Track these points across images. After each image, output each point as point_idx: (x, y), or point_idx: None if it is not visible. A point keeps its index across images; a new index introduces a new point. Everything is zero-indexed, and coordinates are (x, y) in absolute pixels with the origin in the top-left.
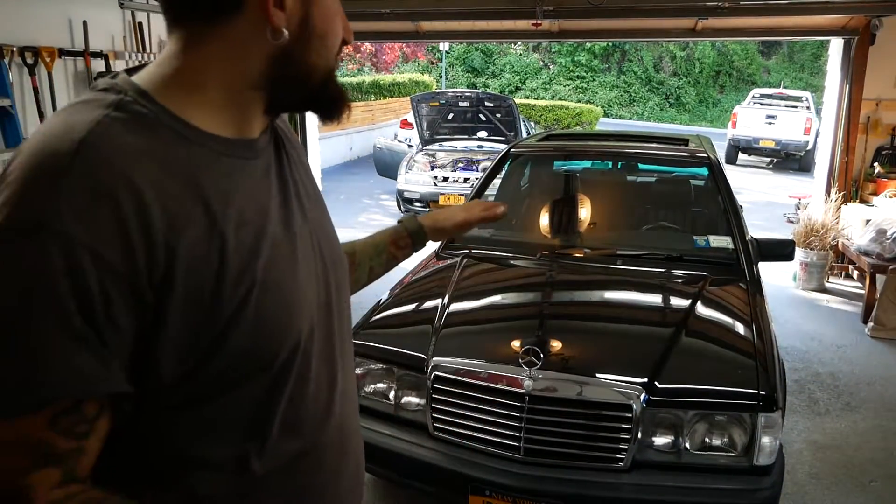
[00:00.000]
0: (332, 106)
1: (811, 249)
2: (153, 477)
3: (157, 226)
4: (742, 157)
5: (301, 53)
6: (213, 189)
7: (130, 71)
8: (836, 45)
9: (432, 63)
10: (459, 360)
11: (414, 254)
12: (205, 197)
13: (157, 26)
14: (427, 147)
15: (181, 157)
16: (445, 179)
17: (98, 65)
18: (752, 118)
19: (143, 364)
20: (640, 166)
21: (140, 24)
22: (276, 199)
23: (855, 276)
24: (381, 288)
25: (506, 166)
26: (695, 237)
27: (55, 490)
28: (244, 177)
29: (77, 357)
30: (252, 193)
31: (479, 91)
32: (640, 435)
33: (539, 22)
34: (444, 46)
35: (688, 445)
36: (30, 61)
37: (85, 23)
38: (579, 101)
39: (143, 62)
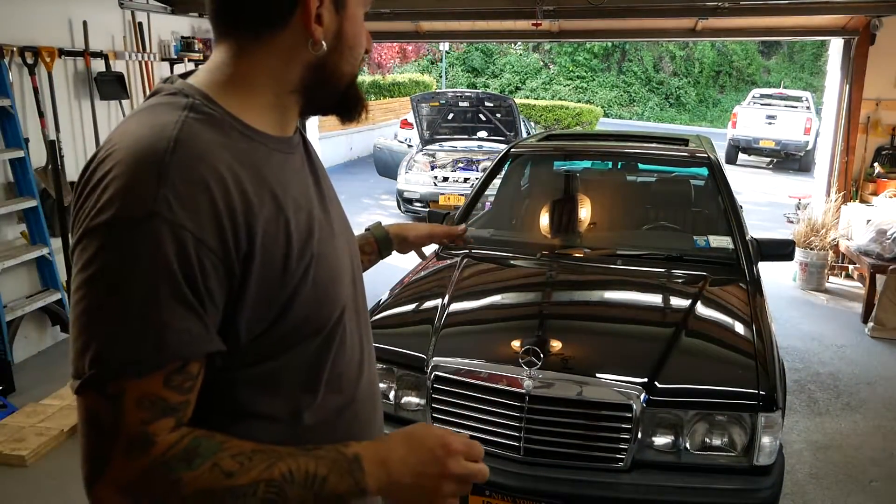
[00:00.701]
0: (354, 108)
1: (811, 249)
2: (215, 427)
3: (239, 210)
4: (742, 157)
5: (334, 62)
6: (274, 179)
7: (182, 77)
8: (836, 45)
9: (433, 63)
10: (459, 360)
11: (379, 261)
12: (270, 185)
13: (157, 26)
14: (427, 147)
15: (248, 151)
16: (445, 179)
17: (98, 65)
18: (752, 118)
19: (225, 328)
20: (640, 166)
21: (140, 24)
22: (313, 188)
23: (855, 276)
24: (381, 288)
25: (506, 166)
26: (695, 237)
27: (171, 434)
28: (290, 169)
29: (188, 324)
30: (298, 182)
31: (479, 91)
32: (639, 435)
33: (539, 22)
34: (444, 46)
35: (688, 445)
36: (30, 61)
37: (85, 23)
38: (579, 101)
39: (144, 60)
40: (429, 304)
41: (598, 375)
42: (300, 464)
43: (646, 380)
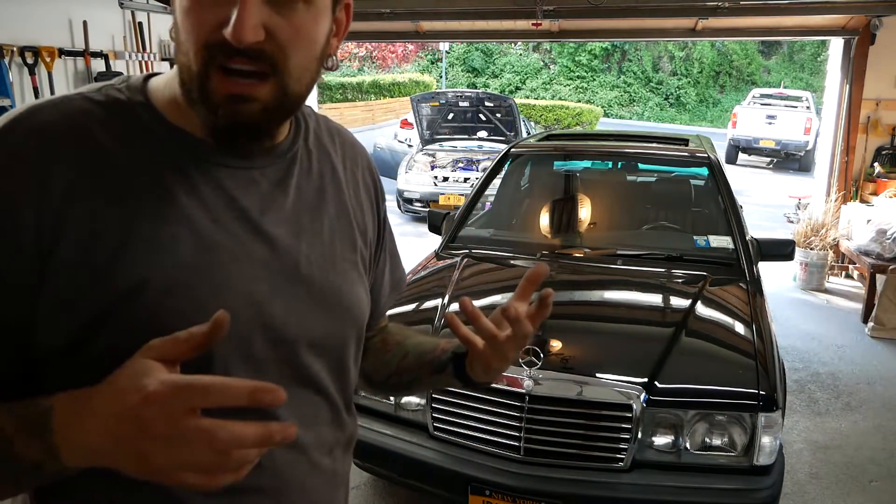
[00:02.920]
0: (211, 120)
1: (811, 249)
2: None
3: (58, 194)
4: (742, 157)
5: (176, 50)
6: (150, 182)
7: None
8: (836, 44)
9: (433, 63)
10: None
11: (452, 380)
12: (134, 186)
13: (157, 26)
14: (427, 147)
15: (133, 145)
16: (445, 179)
17: (98, 64)
18: (752, 118)
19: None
20: (641, 166)
21: (140, 23)
22: (243, 213)
23: (855, 275)
24: None
25: (506, 166)
26: (695, 237)
27: None
28: (205, 179)
29: None
30: (205, 199)
31: (479, 91)
32: (640, 435)
33: (539, 22)
34: (444, 46)
35: (688, 445)
36: (30, 61)
37: (85, 23)
38: (579, 101)
39: (144, 60)
40: (429, 303)
41: (598, 375)
42: None
43: (646, 380)
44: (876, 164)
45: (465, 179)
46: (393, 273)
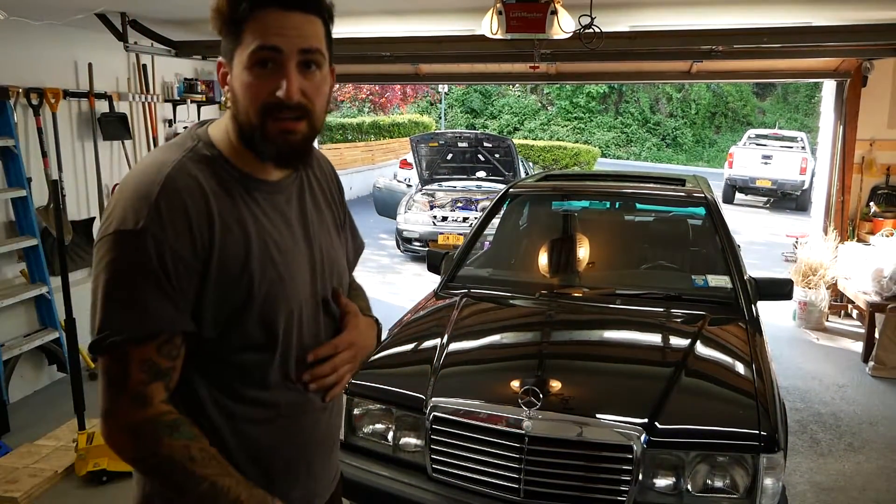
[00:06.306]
0: (272, 154)
1: (810, 288)
2: (194, 405)
3: (204, 230)
4: (739, 196)
5: (236, 113)
6: (245, 211)
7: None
8: (828, 86)
9: (432, 104)
10: (459, 400)
11: None
12: (240, 216)
13: (161, 68)
14: (426, 187)
15: (228, 187)
16: (444, 219)
17: (102, 105)
18: (748, 158)
19: (196, 317)
20: (638, 206)
21: (144, 65)
22: (288, 224)
23: (854, 314)
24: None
25: (504, 206)
26: (693, 276)
27: (163, 404)
28: (266, 205)
29: (166, 306)
30: (270, 218)
31: (478, 132)
32: (640, 476)
33: (537, 65)
34: (443, 88)
35: (689, 487)
36: (35, 102)
37: (90, 65)
38: (577, 142)
39: (147, 102)
40: (428, 343)
41: (598, 416)
42: (237, 487)
43: (646, 420)
44: (872, 203)
45: (464, 219)
46: (354, 241)
